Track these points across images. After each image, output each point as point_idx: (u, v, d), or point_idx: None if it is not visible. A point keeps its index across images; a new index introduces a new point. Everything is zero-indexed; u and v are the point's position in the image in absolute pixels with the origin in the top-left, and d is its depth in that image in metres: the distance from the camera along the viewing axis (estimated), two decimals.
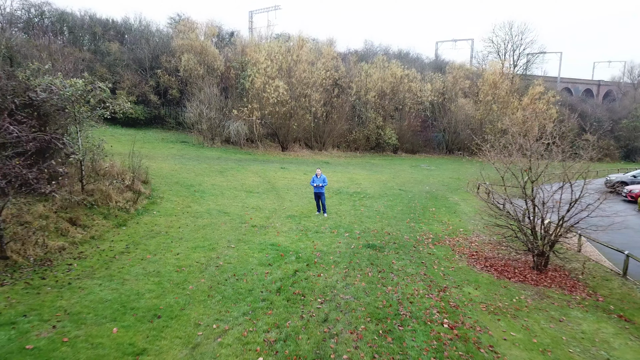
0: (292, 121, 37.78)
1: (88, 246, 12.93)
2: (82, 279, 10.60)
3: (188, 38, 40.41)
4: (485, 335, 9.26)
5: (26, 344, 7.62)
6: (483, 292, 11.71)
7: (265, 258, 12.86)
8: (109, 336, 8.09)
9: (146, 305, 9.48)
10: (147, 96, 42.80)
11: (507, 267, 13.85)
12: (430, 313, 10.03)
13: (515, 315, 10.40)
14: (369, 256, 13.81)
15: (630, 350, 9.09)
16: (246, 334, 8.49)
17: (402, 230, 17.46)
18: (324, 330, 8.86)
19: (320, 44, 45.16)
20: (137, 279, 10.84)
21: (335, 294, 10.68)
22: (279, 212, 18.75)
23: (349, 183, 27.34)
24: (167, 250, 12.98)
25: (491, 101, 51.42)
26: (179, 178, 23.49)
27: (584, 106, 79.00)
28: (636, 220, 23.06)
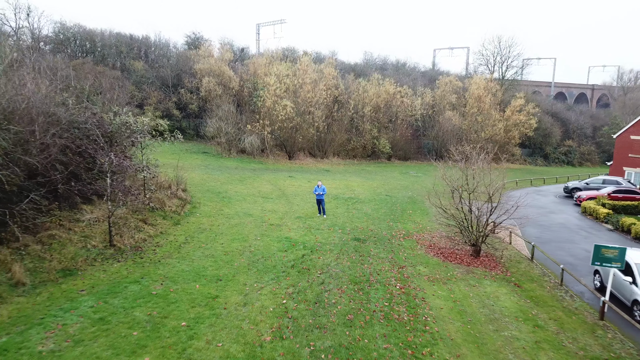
0: (298, 134, 43.43)
1: (159, 238, 18.57)
2: (165, 259, 16.24)
3: (208, 63, 46.12)
4: (421, 292, 14.83)
5: (151, 292, 13.26)
6: (429, 269, 17.26)
7: (282, 246, 18.46)
8: (195, 289, 13.71)
9: (210, 274, 15.11)
10: (170, 111, 48.53)
11: (452, 254, 19.36)
12: (389, 280, 15.61)
13: (445, 282, 15.95)
14: (354, 246, 19.39)
15: (509, 300, 14.63)
16: (274, 289, 14.10)
17: (382, 228, 23.01)
18: (321, 288, 14.46)
19: (322, 64, 50.67)
20: (200, 259, 16.48)
21: (329, 269, 16.28)
22: (290, 214, 24.33)
23: (345, 189, 32.89)
24: (214, 241, 18.61)
25: (476, 113, 56.82)
26: (208, 186, 29.14)
27: (568, 114, 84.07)
28: (575, 221, 28.42)
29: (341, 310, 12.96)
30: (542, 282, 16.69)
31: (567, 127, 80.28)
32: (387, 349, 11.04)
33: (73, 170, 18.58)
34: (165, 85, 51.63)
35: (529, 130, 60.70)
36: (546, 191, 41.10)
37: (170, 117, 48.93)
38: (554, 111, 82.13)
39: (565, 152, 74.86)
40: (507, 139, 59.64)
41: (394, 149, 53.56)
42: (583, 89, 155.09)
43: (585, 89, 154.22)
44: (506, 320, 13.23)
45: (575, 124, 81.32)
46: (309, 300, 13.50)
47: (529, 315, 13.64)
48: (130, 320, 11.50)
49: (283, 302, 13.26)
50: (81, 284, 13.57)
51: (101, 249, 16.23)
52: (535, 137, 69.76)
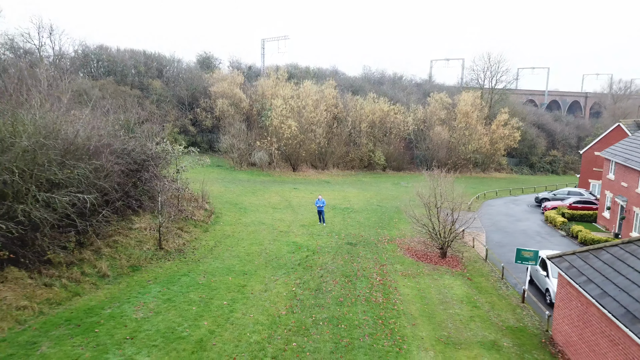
0: (301, 149, 48.55)
1: (195, 243, 23.65)
2: (202, 259, 21.31)
3: (222, 86, 51.35)
4: (395, 283, 19.84)
5: (198, 282, 18.33)
6: (404, 267, 22.28)
7: (290, 249, 23.52)
8: (228, 280, 18.77)
9: (238, 269, 20.17)
10: (186, 127, 53.73)
11: (424, 255, 24.35)
12: (372, 275, 20.64)
13: (414, 276, 20.96)
14: (347, 249, 24.42)
15: (460, 289, 19.62)
16: (286, 281, 19.14)
17: (371, 234, 28.03)
18: (320, 280, 19.49)
19: (323, 85, 55.81)
20: (229, 258, 21.54)
21: (327, 266, 21.32)
22: (295, 222, 29.37)
23: (342, 200, 37.91)
24: (237, 245, 23.69)
25: (464, 127, 61.81)
26: (226, 198, 34.23)
27: (554, 125, 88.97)
28: (536, 229, 33.34)
29: (334, 295, 18.00)
30: (488, 276, 21.70)
31: (553, 137, 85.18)
32: (365, 320, 16.07)
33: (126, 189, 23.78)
34: (181, 103, 56.88)
35: (513, 143, 65.67)
36: (521, 200, 45.99)
37: (186, 133, 54.15)
38: (541, 123, 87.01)
39: (550, 161, 79.67)
40: (493, 151, 64.60)
41: (388, 161, 58.55)
42: (577, 97, 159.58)
43: (578, 97, 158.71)
44: (454, 302, 18.24)
45: (560, 134, 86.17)
46: (311, 288, 18.55)
47: (471, 300, 18.65)
48: (188, 300, 16.58)
49: (292, 289, 18.31)
50: (147, 276, 18.67)
51: (154, 251, 21.30)
52: (521, 147, 74.70)
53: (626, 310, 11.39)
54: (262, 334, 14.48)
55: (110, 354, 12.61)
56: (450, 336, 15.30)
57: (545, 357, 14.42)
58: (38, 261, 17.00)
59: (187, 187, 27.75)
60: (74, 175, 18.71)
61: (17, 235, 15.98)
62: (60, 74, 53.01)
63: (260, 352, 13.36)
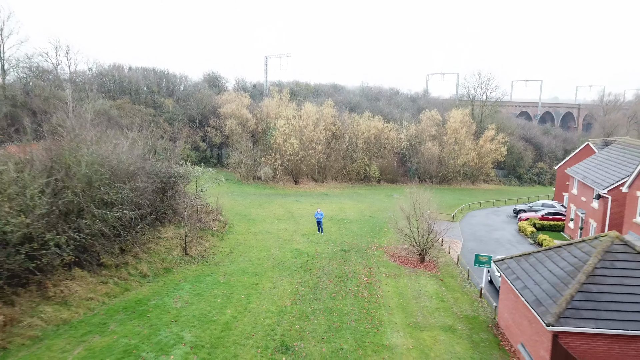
0: (303, 164, 53.10)
1: (213, 250, 28.06)
2: (221, 263, 25.73)
3: (230, 108, 56.07)
4: (379, 283, 24.21)
5: (219, 281, 22.75)
6: (388, 269, 26.64)
7: (293, 255, 27.90)
8: (244, 280, 23.18)
9: (251, 271, 24.57)
10: (197, 143, 58.34)
11: (406, 260, 28.70)
12: (360, 276, 25.01)
13: (395, 277, 25.32)
14: (341, 255, 28.80)
15: (431, 288, 23.98)
16: (290, 280, 23.54)
17: (363, 242, 32.41)
18: (318, 279, 23.89)
19: (323, 106, 60.54)
20: (242, 262, 25.95)
21: (324, 269, 25.70)
22: (297, 232, 33.76)
23: (339, 212, 42.30)
24: (249, 251, 28.09)
25: (453, 143, 66.31)
26: (236, 210, 38.67)
27: (542, 138, 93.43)
28: (508, 237, 37.64)
29: (329, 291, 22.40)
30: (457, 277, 26.06)
31: (540, 150, 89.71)
32: (352, 309, 20.44)
33: (155, 204, 28.25)
34: (192, 121, 61.57)
35: (500, 157, 70.14)
36: (502, 212, 50.29)
37: (197, 149, 58.75)
38: (529, 136, 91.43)
39: (537, 173, 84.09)
40: (481, 164, 69.06)
41: (382, 174, 63.01)
42: (569, 108, 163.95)
43: (571, 108, 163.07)
44: (425, 298, 22.60)
45: (547, 147, 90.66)
46: (311, 286, 22.95)
47: (439, 295, 23.01)
48: (214, 294, 20.98)
49: (295, 287, 22.70)
50: (178, 276, 23.09)
51: (181, 256, 25.72)
52: (509, 160, 79.21)
53: (536, 298, 15.78)
54: (273, 319, 18.88)
55: (162, 331, 17.02)
56: (418, 322, 19.67)
57: (489, 337, 18.77)
58: (95, 264, 21.45)
59: (206, 203, 32.21)
60: (120, 195, 23.24)
61: (80, 244, 20.47)
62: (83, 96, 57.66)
63: (271, 332, 17.75)
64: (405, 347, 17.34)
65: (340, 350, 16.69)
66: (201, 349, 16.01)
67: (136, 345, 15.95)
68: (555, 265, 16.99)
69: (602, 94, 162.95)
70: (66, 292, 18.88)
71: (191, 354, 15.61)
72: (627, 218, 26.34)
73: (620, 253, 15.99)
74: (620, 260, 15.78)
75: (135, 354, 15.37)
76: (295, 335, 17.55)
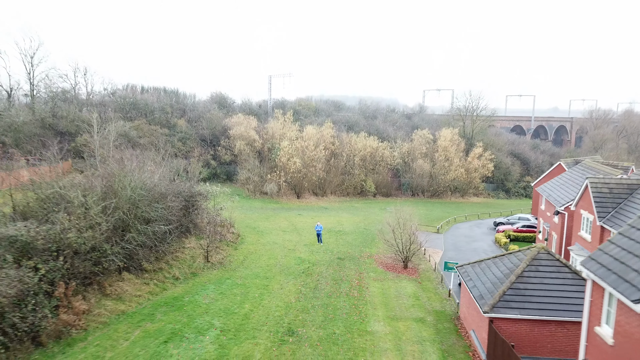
0: (304, 181, 58.40)
1: (230, 258, 33.19)
2: (237, 269, 30.87)
3: (239, 130, 61.62)
4: (367, 285, 29.27)
5: (237, 283, 27.90)
6: (375, 274, 31.70)
7: (296, 262, 33.01)
8: (257, 282, 28.32)
9: (262, 275, 29.71)
10: (208, 161, 63.68)
11: (391, 266, 33.74)
12: (352, 279, 30.11)
13: (381, 280, 30.38)
14: (337, 262, 33.89)
15: (411, 289, 29.02)
16: (294, 283, 28.66)
17: (356, 251, 37.48)
18: (317, 282, 29.00)
19: (323, 127, 66.02)
20: (255, 268, 31.09)
21: (322, 274, 30.81)
22: (300, 242, 38.86)
23: (336, 224, 47.40)
24: (259, 259, 33.22)
25: (443, 159, 71.60)
26: (246, 223, 43.83)
27: (529, 153, 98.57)
28: (485, 247, 42.62)
29: (326, 291, 27.49)
30: (433, 281, 31.12)
31: (528, 164, 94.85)
32: (344, 305, 25.50)
33: (180, 219, 33.43)
34: (203, 140, 67.05)
35: (487, 172, 75.37)
36: (485, 224, 55.29)
37: (208, 166, 64.06)
38: (517, 152, 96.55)
39: (524, 186, 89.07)
40: (469, 180, 74.23)
41: (378, 188, 68.19)
42: (563, 121, 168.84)
43: (564, 121, 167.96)
44: (404, 297, 27.65)
45: (534, 162, 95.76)
46: (311, 287, 28.04)
47: (416, 295, 28.06)
48: (233, 293, 26.10)
49: (299, 288, 27.80)
50: (203, 279, 28.23)
51: (204, 263, 30.85)
52: (497, 174, 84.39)
53: (480, 293, 20.88)
54: (281, 312, 23.98)
55: (197, 320, 22.15)
56: (396, 315, 24.74)
57: (451, 326, 23.82)
58: (138, 269, 26.61)
59: (225, 219, 37.46)
60: (156, 213, 28.48)
61: (127, 252, 25.65)
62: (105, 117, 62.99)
63: (280, 321, 22.85)
64: (384, 332, 22.40)
65: (333, 334, 21.77)
66: (228, 332, 21.12)
67: (179, 329, 21.08)
68: (497, 269, 22.11)
69: (592, 109, 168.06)
70: (119, 290, 24.04)
71: (221, 335, 20.73)
72: (574, 231, 31.48)
73: (544, 260, 21.12)
74: (543, 265, 20.90)
75: (180, 334, 20.49)
76: (299, 324, 22.64)
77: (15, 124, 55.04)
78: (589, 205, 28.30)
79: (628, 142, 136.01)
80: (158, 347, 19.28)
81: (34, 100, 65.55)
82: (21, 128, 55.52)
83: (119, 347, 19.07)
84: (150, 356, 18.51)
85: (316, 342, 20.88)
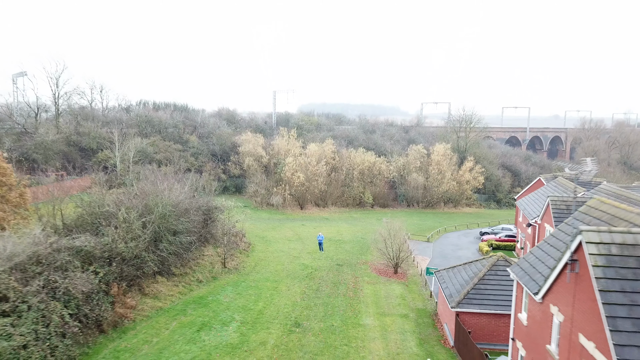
0: (307, 194, 63.42)
1: (243, 264, 38.10)
2: (250, 273, 35.80)
3: (248, 147, 66.87)
4: (362, 287, 34.11)
5: (250, 285, 32.82)
6: (369, 278, 36.53)
7: (300, 268, 37.90)
8: (267, 284, 33.23)
9: (272, 279, 34.62)
10: (219, 175, 68.78)
11: (383, 271, 38.53)
12: (349, 283, 34.96)
13: (374, 284, 35.19)
14: (336, 268, 38.75)
15: (399, 291, 33.84)
16: (299, 285, 33.55)
17: (353, 258, 42.30)
18: (319, 285, 33.88)
19: (324, 143, 71.24)
20: (265, 273, 35.99)
21: (323, 278, 35.68)
22: (304, 250, 43.71)
23: (336, 234, 52.23)
24: (268, 265, 38.13)
25: (436, 173, 76.55)
26: (256, 233, 48.74)
27: (520, 166, 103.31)
28: (468, 255, 47.25)
29: (326, 292, 32.35)
30: (418, 284, 35.93)
31: (518, 176, 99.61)
32: (341, 304, 30.34)
33: (200, 231, 38.37)
34: (214, 155, 72.24)
35: (478, 184, 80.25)
36: (472, 234, 59.98)
37: (219, 179, 69.12)
38: (509, 164, 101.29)
39: (515, 197, 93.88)
40: (461, 192, 79.09)
41: (375, 199, 73.09)
42: (557, 132, 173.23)
43: (559, 132, 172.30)
44: (392, 297, 32.46)
45: (525, 173, 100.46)
46: (314, 289, 32.91)
47: (403, 296, 32.87)
48: (249, 293, 31.00)
49: (303, 290, 32.66)
50: (222, 282, 33.15)
51: (221, 269, 35.75)
52: (489, 186, 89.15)
53: (450, 293, 25.73)
54: (289, 308, 28.84)
55: (221, 314, 27.05)
56: (384, 311, 29.56)
57: (429, 321, 28.61)
58: (169, 273, 31.53)
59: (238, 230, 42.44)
60: (183, 226, 33.47)
61: (160, 259, 30.59)
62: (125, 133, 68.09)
63: (289, 316, 27.70)
64: (373, 325, 27.24)
65: (332, 326, 26.62)
66: (247, 324, 26.01)
67: (207, 321, 25.99)
68: (465, 273, 26.99)
69: (585, 120, 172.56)
70: (155, 290, 28.96)
71: (241, 326, 25.63)
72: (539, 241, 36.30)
73: (501, 266, 25.99)
74: (500, 270, 25.77)
75: (208, 325, 25.40)
76: (303, 318, 27.50)
77: (45, 142, 60.25)
78: (550, 219, 33.20)
79: (620, 152, 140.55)
80: (193, 335, 24.18)
81: (58, 119, 70.92)
82: (50, 146, 60.70)
83: (162, 334, 23.98)
84: (188, 341, 23.42)
85: (318, 332, 25.73)
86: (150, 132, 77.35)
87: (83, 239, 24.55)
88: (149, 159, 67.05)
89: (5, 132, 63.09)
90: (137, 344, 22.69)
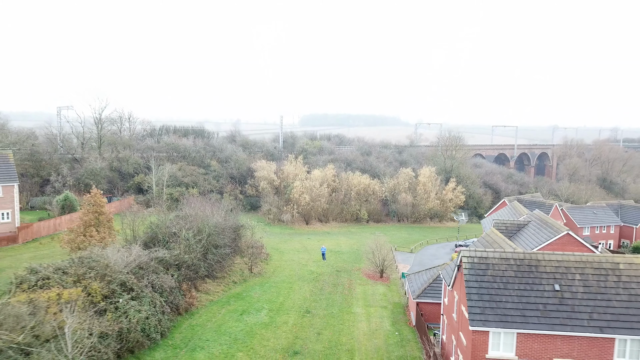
0: (312, 212, 74.65)
1: (264, 270, 49.17)
2: (271, 277, 46.90)
3: (262, 173, 78.37)
4: (354, 288, 45.12)
5: (272, 285, 43.91)
6: (360, 281, 47.49)
7: (308, 273, 48.92)
8: (285, 285, 44.31)
9: (287, 281, 45.70)
10: (237, 195, 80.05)
11: (371, 276, 49.44)
12: (345, 284, 45.97)
13: (363, 285, 46.16)
14: (336, 273, 49.73)
15: (382, 290, 44.78)
16: (308, 286, 44.62)
17: (349, 266, 53.25)
18: (322, 286, 44.94)
19: (326, 168, 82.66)
20: (282, 276, 47.08)
21: (325, 280, 46.72)
22: (310, 260, 54.70)
23: (336, 246, 63.14)
24: (284, 271, 49.18)
25: (423, 192, 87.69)
26: (271, 245, 59.74)
27: (501, 184, 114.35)
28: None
29: (328, 291, 43.39)
30: (398, 285, 46.90)
31: (499, 193, 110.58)
32: (339, 298, 41.38)
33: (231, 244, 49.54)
34: (232, 178, 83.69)
35: (460, 202, 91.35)
36: (450, 246, 70.86)
37: (236, 199, 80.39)
38: (491, 182, 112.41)
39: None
40: (445, 209, 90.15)
41: (370, 215, 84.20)
42: (544, 148, 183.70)
43: (546, 148, 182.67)
44: (377, 294, 43.41)
45: (505, 191, 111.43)
46: (319, 288, 43.94)
47: (384, 294, 43.83)
48: (272, 291, 42.07)
49: (311, 289, 43.68)
50: (251, 283, 44.26)
51: (249, 273, 46.83)
52: (471, 202, 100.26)
53: (414, 289, 36.79)
54: (301, 301, 39.86)
55: (254, 305, 38.13)
56: (370, 304, 40.53)
57: (401, 310, 39.55)
58: (213, 276, 42.60)
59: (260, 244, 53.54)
60: (222, 241, 44.65)
61: (208, 266, 41.69)
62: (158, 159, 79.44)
63: (301, 305, 38.71)
64: (361, 313, 38.23)
65: (332, 313, 37.63)
66: (273, 311, 37.07)
67: (246, 309, 37.05)
68: (426, 276, 38.05)
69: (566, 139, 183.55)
70: (206, 288, 40.02)
71: (270, 312, 36.69)
72: None
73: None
74: None
75: (247, 311, 36.46)
76: (312, 307, 38.55)
77: (95, 169, 71.65)
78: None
79: (601, 168, 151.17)
80: (238, 317, 35.26)
81: (101, 148, 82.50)
82: (99, 172, 72.06)
83: (217, 317, 35.05)
84: (235, 320, 34.49)
85: (322, 316, 36.78)
86: (176, 158, 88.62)
87: (162, 252, 35.72)
88: (178, 182, 78.32)
89: (59, 160, 74.46)
90: (202, 322, 33.78)
